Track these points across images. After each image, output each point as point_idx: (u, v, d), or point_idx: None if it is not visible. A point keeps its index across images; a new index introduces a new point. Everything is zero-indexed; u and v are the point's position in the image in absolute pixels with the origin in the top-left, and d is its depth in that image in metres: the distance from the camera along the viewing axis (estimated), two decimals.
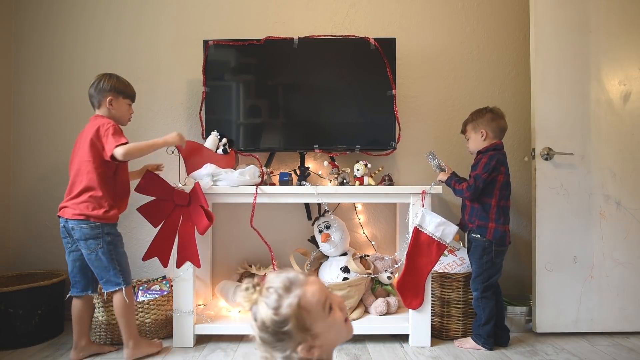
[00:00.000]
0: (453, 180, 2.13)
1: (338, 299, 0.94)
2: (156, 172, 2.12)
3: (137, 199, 2.09)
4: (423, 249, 2.07)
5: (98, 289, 2.04)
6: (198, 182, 2.04)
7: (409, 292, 2.08)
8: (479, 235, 2.06)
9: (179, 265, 2.06)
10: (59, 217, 1.89)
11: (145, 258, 2.05)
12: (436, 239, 2.05)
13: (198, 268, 2.09)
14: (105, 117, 1.93)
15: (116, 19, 2.58)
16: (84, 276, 1.94)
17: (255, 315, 0.89)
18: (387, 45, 2.37)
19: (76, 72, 2.57)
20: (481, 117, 2.11)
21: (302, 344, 0.87)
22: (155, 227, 2.06)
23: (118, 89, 1.97)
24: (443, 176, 2.17)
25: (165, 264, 2.05)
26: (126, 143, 1.85)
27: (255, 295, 0.89)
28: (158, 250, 2.04)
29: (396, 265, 2.33)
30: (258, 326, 0.88)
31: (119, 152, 1.81)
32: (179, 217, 2.05)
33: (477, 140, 2.13)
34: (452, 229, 2.05)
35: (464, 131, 2.20)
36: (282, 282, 0.89)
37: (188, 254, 2.04)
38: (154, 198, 2.06)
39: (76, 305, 1.96)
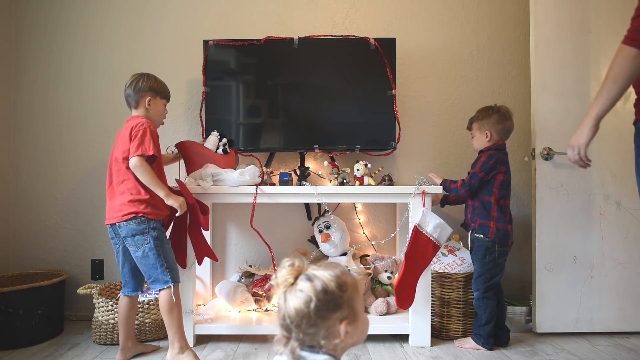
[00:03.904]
0: (448, 181, 2.16)
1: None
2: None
3: None
4: (420, 248, 2.07)
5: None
6: (178, 179, 2.03)
7: (403, 293, 2.07)
8: (481, 235, 2.06)
9: (200, 262, 2.08)
10: (108, 225, 1.87)
11: None
12: (433, 239, 2.05)
13: (216, 262, 2.14)
14: (143, 117, 1.89)
15: (116, 19, 2.58)
16: (134, 277, 1.93)
17: (314, 282, 0.89)
18: (387, 45, 2.37)
19: (76, 72, 2.57)
20: (487, 118, 2.10)
21: (348, 319, 0.89)
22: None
23: (156, 89, 1.95)
24: (437, 179, 2.22)
25: (184, 266, 2.05)
26: (151, 156, 1.80)
27: (301, 267, 0.91)
28: (174, 253, 1.99)
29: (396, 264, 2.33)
30: (318, 290, 0.87)
31: (134, 162, 1.76)
32: (184, 217, 2.04)
33: (481, 140, 2.13)
34: (448, 231, 2.06)
35: (469, 128, 2.20)
36: (340, 267, 0.93)
37: (204, 250, 2.06)
38: None
39: (124, 305, 1.94)
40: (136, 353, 1.99)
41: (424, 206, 2.08)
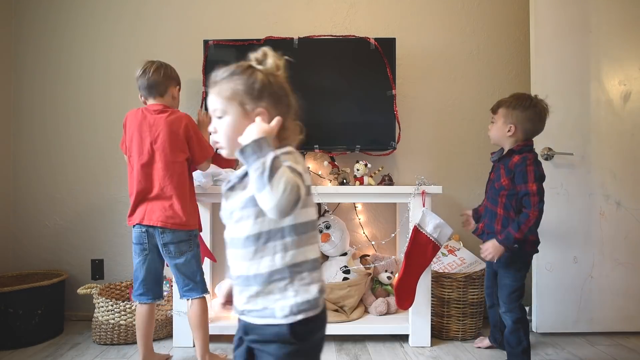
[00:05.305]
0: (511, 231, 1.72)
1: None
2: None
3: None
4: (420, 248, 2.06)
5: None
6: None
7: (403, 293, 2.07)
8: (517, 245, 1.78)
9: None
10: (141, 225, 1.73)
11: None
12: (433, 239, 2.05)
13: (215, 262, 2.14)
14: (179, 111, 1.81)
15: (116, 19, 2.58)
16: (157, 284, 1.84)
17: None
18: (387, 45, 2.36)
19: (75, 71, 2.57)
20: (521, 109, 1.76)
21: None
22: None
23: (179, 81, 1.87)
24: (497, 249, 1.74)
25: None
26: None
27: None
28: None
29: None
30: None
31: (206, 166, 1.80)
32: None
33: (501, 131, 1.81)
34: (449, 231, 2.05)
35: (495, 111, 1.86)
36: None
37: (203, 251, 2.05)
38: None
39: (145, 313, 1.80)
40: None
41: (424, 206, 2.08)
